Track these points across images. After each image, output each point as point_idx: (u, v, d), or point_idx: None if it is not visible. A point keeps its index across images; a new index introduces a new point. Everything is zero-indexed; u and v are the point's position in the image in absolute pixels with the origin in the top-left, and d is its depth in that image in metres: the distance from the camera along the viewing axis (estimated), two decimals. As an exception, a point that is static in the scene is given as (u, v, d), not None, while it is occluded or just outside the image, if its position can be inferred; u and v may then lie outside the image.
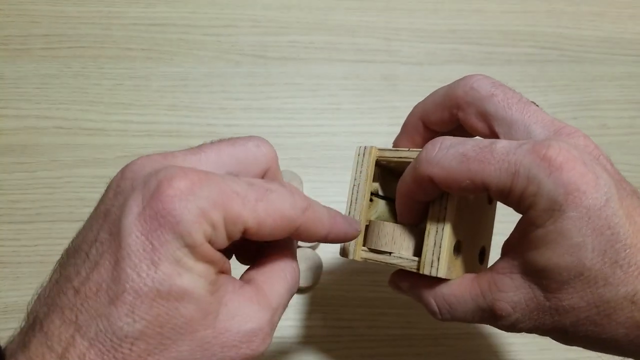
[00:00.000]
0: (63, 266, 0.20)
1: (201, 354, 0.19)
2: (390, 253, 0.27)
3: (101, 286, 0.18)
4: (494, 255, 0.27)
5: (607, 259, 0.20)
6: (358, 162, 0.29)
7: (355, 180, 0.29)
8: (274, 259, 0.23)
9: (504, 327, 0.24)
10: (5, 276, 0.41)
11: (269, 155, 0.23)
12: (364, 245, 0.28)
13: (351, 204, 0.29)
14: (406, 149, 0.28)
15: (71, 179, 0.44)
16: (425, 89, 0.29)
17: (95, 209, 0.20)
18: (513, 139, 0.24)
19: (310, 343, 0.40)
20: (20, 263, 0.41)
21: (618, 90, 0.50)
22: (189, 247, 0.18)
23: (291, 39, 0.50)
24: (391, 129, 0.31)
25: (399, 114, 0.30)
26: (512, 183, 0.21)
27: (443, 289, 0.25)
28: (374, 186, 0.30)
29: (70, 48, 0.48)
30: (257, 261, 0.23)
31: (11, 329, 0.19)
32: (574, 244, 0.21)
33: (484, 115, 0.25)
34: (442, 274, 0.25)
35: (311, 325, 0.41)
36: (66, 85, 0.47)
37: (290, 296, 0.23)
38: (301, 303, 0.41)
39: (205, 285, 0.19)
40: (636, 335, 0.21)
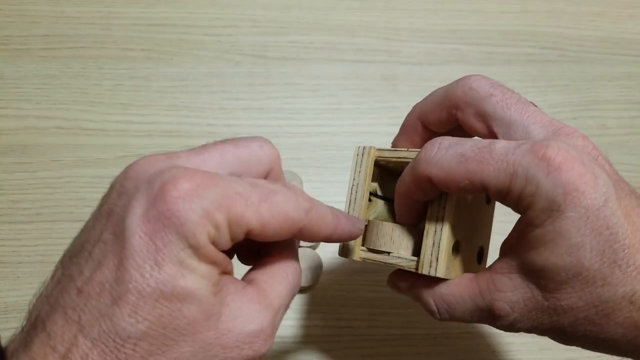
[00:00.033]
0: (65, 265, 0.19)
1: (203, 355, 0.19)
2: (389, 253, 0.27)
3: (104, 286, 0.18)
4: (492, 256, 0.27)
5: (605, 259, 0.21)
6: (357, 162, 0.29)
7: (354, 180, 0.29)
8: (275, 260, 0.23)
9: (502, 327, 0.24)
10: (5, 276, 0.41)
11: (272, 156, 0.22)
12: (363, 245, 0.28)
13: (350, 204, 0.29)
14: (405, 149, 0.28)
15: (71, 179, 0.44)
16: (425, 89, 0.29)
17: (97, 208, 0.20)
18: (512, 139, 0.24)
19: (310, 343, 0.40)
20: (21, 263, 0.41)
21: (618, 90, 0.50)
22: (192, 248, 0.18)
23: (291, 39, 0.50)
24: (391, 129, 0.31)
25: (399, 114, 0.30)
26: (511, 183, 0.21)
27: (442, 288, 0.25)
28: (373, 186, 0.30)
29: (71, 48, 0.48)
30: (259, 261, 0.23)
31: (11, 328, 0.19)
32: (572, 244, 0.21)
33: (483, 116, 0.25)
34: (441, 273, 0.25)
35: (311, 325, 0.41)
36: (66, 86, 0.47)
37: (292, 297, 0.23)
38: (301, 303, 0.41)
39: (209, 286, 0.18)
40: (634, 335, 0.21)
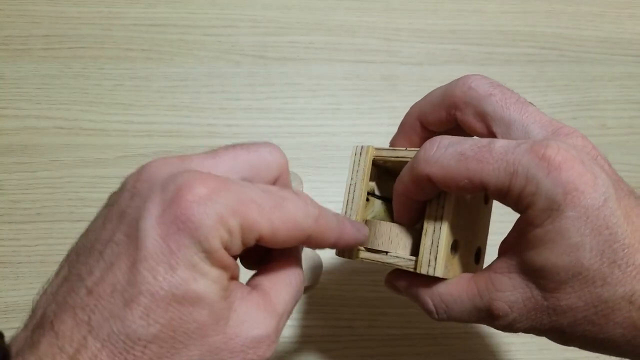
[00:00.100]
0: (72, 263, 0.19)
1: (210, 359, 0.19)
2: (387, 252, 0.27)
3: (116, 287, 0.17)
4: (489, 256, 0.27)
5: (605, 259, 0.20)
6: (355, 162, 0.29)
7: (352, 179, 0.29)
8: (280, 265, 0.23)
9: (500, 327, 0.24)
10: (5, 276, 0.41)
11: (281, 162, 0.22)
12: (361, 245, 0.28)
13: (347, 204, 0.29)
14: (403, 148, 0.28)
15: (72, 179, 0.44)
16: (425, 89, 0.29)
17: (107, 208, 0.20)
18: (511, 139, 0.23)
19: (310, 343, 0.40)
20: (21, 263, 0.41)
21: (617, 90, 0.50)
22: (205, 252, 0.18)
23: (291, 39, 0.50)
24: (391, 129, 0.31)
25: (398, 114, 0.30)
26: (511, 182, 0.21)
27: (440, 288, 0.25)
28: (371, 186, 0.30)
29: (71, 48, 0.48)
30: (264, 267, 0.23)
31: (12, 328, 0.19)
32: (572, 243, 0.21)
33: (482, 115, 0.25)
34: (440, 273, 0.25)
35: (311, 325, 0.41)
36: (66, 86, 0.47)
37: (295, 303, 0.23)
38: (301, 303, 0.41)
39: (219, 291, 0.19)
40: (633, 336, 0.21)
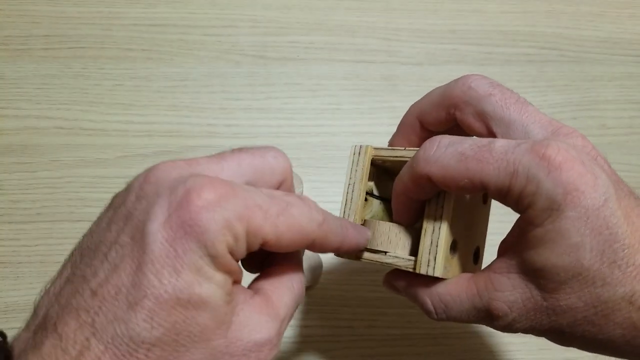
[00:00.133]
0: (76, 264, 0.19)
1: None
2: (386, 252, 0.27)
3: (120, 290, 0.17)
4: (489, 256, 0.27)
5: (605, 259, 0.20)
6: (353, 161, 0.29)
7: (350, 179, 0.29)
8: (281, 269, 0.23)
9: (500, 328, 0.24)
10: (5, 276, 0.41)
11: (285, 166, 0.22)
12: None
13: (346, 204, 0.29)
14: (402, 147, 0.28)
15: (72, 179, 0.44)
16: (425, 89, 0.29)
17: (112, 209, 0.20)
18: (511, 139, 0.24)
19: (309, 343, 0.40)
20: (21, 263, 0.41)
21: (617, 90, 0.50)
22: (211, 256, 0.18)
23: (291, 39, 0.50)
24: (391, 129, 0.31)
25: (399, 114, 0.30)
26: (511, 182, 0.21)
27: (439, 288, 0.25)
28: (369, 185, 0.30)
29: (71, 48, 0.48)
30: (265, 271, 0.23)
31: (12, 328, 0.19)
32: (572, 243, 0.21)
33: (482, 115, 0.25)
34: (439, 273, 0.25)
35: (311, 325, 0.41)
36: (66, 86, 0.47)
37: (296, 307, 0.23)
38: (301, 303, 0.41)
39: (223, 295, 0.19)
40: (633, 336, 0.21)
